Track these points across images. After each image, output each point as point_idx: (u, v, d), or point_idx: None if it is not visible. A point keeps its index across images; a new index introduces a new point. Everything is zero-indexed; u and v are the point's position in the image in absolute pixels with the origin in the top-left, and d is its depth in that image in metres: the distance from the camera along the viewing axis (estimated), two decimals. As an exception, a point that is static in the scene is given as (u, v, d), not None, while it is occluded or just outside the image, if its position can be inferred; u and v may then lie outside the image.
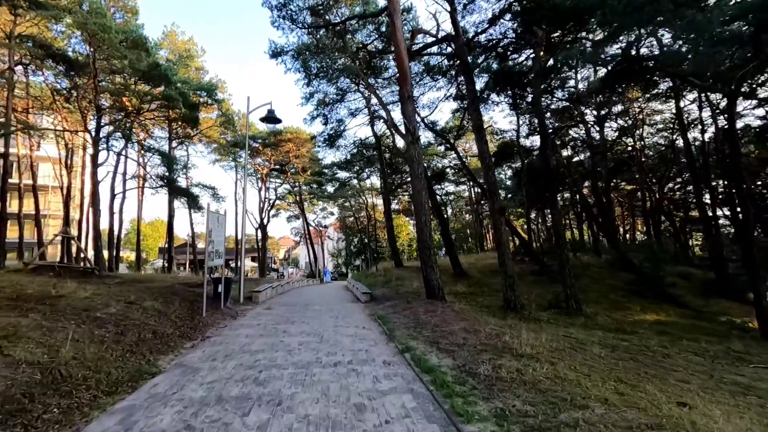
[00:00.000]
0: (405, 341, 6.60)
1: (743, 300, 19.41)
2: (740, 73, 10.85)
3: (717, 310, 16.51)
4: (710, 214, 24.66)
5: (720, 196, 26.50)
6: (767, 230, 26.89)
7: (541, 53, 16.30)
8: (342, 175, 40.64)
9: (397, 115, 36.60)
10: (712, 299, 18.16)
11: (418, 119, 21.88)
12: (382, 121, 27.57)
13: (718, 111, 26.04)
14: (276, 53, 20.16)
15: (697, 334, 11.90)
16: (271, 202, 43.14)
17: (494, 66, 20.25)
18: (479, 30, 17.56)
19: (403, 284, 17.54)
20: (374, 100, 25.58)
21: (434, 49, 18.20)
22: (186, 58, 27.37)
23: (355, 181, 43.93)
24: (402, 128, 12.97)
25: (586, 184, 32.83)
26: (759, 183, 28.22)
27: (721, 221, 26.51)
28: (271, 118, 12.59)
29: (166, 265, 28.89)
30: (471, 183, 43.74)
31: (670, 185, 35.93)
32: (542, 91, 17.31)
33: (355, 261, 56.92)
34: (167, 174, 23.90)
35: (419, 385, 4.51)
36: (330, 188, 45.13)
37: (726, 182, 26.53)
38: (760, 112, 25.09)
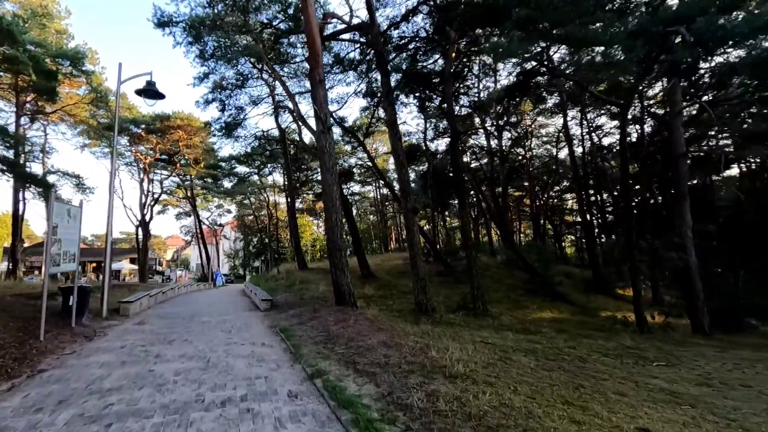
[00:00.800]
0: (314, 362, 5.45)
1: (614, 295, 21.94)
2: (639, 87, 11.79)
3: (597, 305, 18.21)
4: (588, 218, 27.61)
5: (593, 203, 29.99)
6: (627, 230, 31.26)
7: (453, 55, 16.36)
8: (241, 169, 37.47)
9: (304, 107, 34.75)
10: (591, 295, 20.10)
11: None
12: (287, 112, 25.75)
13: (593, 127, 29.57)
14: (163, 23, 17.31)
15: (588, 329, 12.71)
16: (156, 196, 38.06)
17: (404, 66, 20.03)
18: (392, 23, 17.02)
19: (308, 288, 16.19)
20: (279, 89, 23.73)
21: (346, 36, 17.22)
22: (42, 17, 22.42)
23: (255, 177, 40.92)
24: (310, 122, 11.73)
25: (483, 188, 34.83)
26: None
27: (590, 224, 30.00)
28: (150, 91, 10.33)
29: (10, 268, 23.33)
30: (378, 183, 43.73)
31: (552, 192, 39.92)
32: (452, 93, 17.42)
33: (254, 262, 53.27)
34: (11, 157, 19.15)
35: (337, 428, 3.44)
36: (227, 183, 41.41)
37: (595, 190, 30.21)
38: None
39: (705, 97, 16.06)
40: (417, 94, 22.90)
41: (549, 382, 4.69)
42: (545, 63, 17.85)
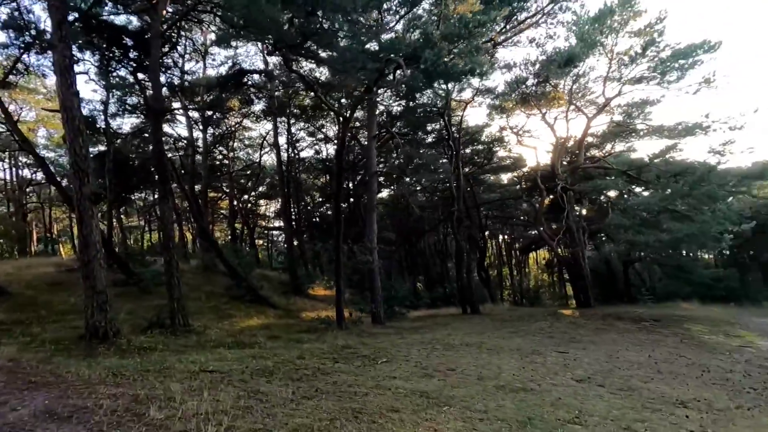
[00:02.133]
0: None
1: (309, 296, 23.59)
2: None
3: (297, 307, 18.90)
4: (289, 224, 28.79)
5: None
6: (311, 236, 34.91)
7: (164, 13, 13.26)
8: None
9: None
10: (291, 298, 20.76)
11: None
12: None
13: (294, 140, 31.58)
14: None
15: (298, 332, 12.71)
16: None
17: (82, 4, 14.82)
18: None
19: None
20: None
21: None
22: None
23: None
24: None
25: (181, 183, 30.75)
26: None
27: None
28: None
29: None
30: (15, 158, 31.25)
31: (251, 195, 39.90)
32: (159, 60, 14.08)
33: None
34: None
35: None
36: None
37: (294, 198, 32.33)
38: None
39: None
40: (99, 52, 17.56)
41: (327, 417, 3.77)
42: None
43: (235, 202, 36.74)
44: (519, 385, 5.92)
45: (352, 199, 27.48)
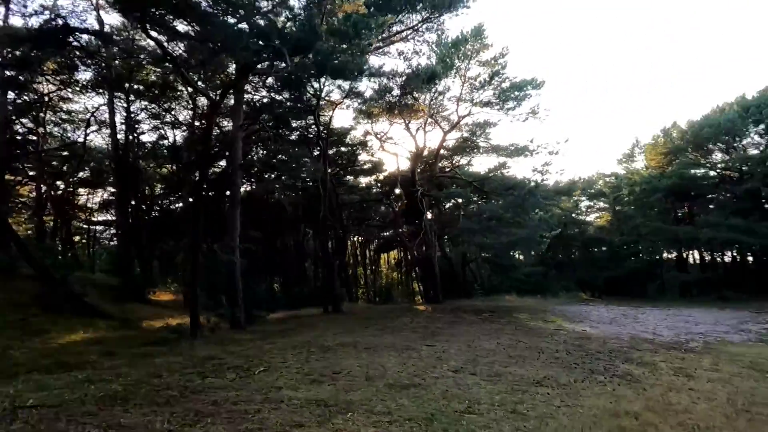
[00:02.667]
0: None
1: (149, 301, 20.42)
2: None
3: (136, 315, 16.11)
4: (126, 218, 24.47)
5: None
6: (152, 232, 30.34)
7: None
8: None
9: None
10: (125, 304, 17.61)
11: None
12: None
13: (133, 121, 26.98)
14: None
15: (142, 345, 10.81)
16: None
17: None
18: None
19: None
20: None
21: None
22: None
23: None
24: None
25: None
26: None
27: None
28: None
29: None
30: None
31: (69, 182, 32.61)
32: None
33: None
34: None
35: None
36: None
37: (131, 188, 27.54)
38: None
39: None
40: None
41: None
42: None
43: (44, 189, 29.47)
44: (407, 381, 6.08)
45: (212, 193, 24.81)
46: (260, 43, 10.10)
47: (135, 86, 23.97)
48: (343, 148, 30.94)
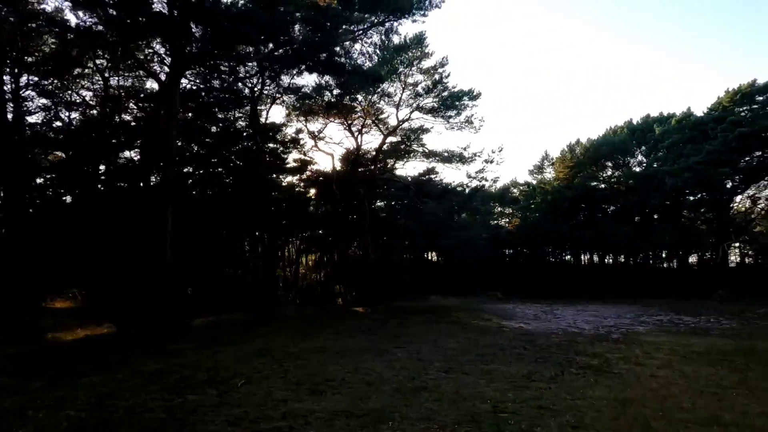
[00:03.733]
0: None
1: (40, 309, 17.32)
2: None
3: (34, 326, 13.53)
4: None
5: None
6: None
7: None
8: None
9: None
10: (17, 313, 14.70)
11: None
12: None
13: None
14: None
15: (56, 362, 9.11)
16: None
17: None
18: None
19: None
20: None
21: None
22: None
23: None
24: None
25: None
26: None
27: None
28: None
29: None
30: None
31: None
32: None
33: None
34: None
35: None
36: None
37: None
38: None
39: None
40: None
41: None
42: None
43: None
44: (410, 385, 5.97)
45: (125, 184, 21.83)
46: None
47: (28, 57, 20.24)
48: (271, 144, 29.53)
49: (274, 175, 33.78)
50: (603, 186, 30.53)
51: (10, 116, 20.73)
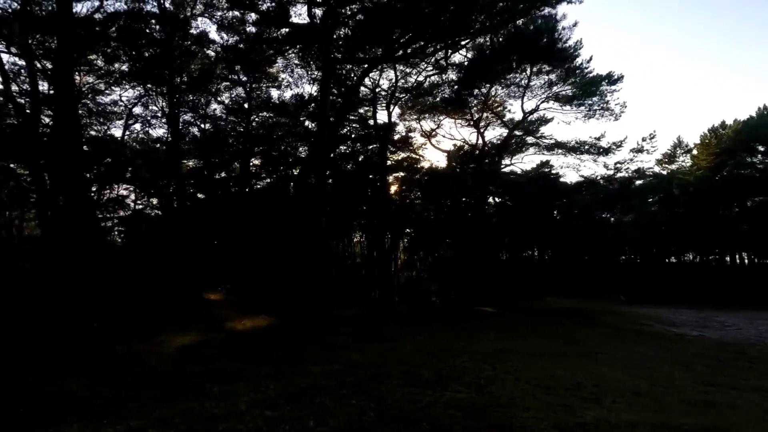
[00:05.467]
0: None
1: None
2: None
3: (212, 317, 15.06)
4: None
5: None
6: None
7: None
8: None
9: None
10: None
11: None
12: None
13: None
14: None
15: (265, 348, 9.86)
16: None
17: None
18: None
19: None
20: None
21: None
22: None
23: None
24: None
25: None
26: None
27: None
28: None
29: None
30: None
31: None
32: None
33: None
34: None
35: None
36: None
37: None
38: None
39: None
40: None
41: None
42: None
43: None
44: (695, 398, 5.37)
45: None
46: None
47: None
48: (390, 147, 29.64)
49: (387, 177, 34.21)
50: (757, 174, 26.16)
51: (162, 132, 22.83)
